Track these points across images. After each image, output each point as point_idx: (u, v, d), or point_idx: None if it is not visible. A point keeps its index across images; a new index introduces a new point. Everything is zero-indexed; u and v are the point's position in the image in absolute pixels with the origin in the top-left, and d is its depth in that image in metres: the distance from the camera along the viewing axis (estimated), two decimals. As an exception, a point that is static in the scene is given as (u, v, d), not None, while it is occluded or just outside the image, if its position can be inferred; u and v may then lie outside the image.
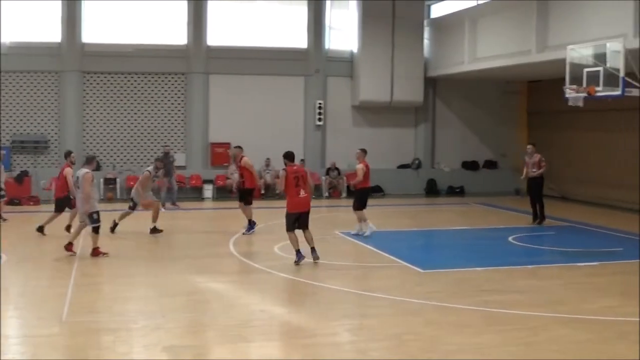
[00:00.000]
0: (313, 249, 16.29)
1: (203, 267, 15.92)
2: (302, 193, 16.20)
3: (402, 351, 10.05)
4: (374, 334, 10.83)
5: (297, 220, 16.26)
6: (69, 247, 16.65)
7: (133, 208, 20.27)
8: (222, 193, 30.03)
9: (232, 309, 12.18)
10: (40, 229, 19.75)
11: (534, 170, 22.91)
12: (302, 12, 31.89)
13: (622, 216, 25.51)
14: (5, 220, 22.30)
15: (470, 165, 34.20)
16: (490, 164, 34.47)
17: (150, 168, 20.50)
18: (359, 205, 20.03)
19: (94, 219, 16.55)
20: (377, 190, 31.39)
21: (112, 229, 19.95)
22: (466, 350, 10.02)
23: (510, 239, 19.96)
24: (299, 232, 16.27)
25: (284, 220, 16.30)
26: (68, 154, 20.23)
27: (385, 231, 21.40)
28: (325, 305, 12.68)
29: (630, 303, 12.92)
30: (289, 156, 16.53)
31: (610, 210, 27.07)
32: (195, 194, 29.92)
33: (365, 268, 16.25)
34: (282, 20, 31.89)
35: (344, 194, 30.89)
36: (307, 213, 16.43)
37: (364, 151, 20.42)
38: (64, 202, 19.85)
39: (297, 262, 15.92)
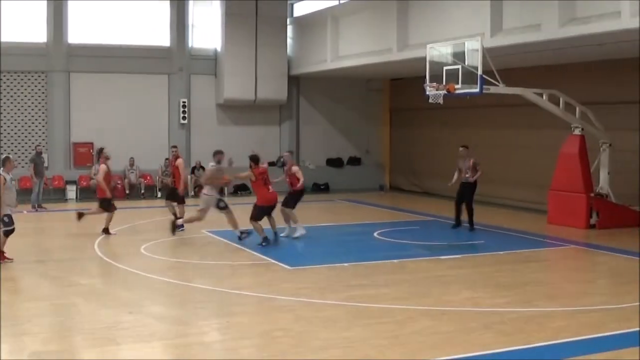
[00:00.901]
0: (276, 233, 19.30)
1: (68, 269, 15.57)
2: (271, 189, 18.73)
3: (271, 348, 10.08)
4: (243, 332, 10.81)
5: (268, 212, 18.83)
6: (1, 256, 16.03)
7: (226, 207, 19.24)
8: (86, 194, 29.50)
9: (99, 312, 11.95)
10: (106, 231, 19.84)
11: (468, 174, 21.10)
12: (164, 9, 31.57)
13: (484, 210, 26.15)
14: None
15: (334, 162, 34.55)
16: (354, 161, 34.90)
17: (213, 162, 19.38)
18: (293, 205, 20.01)
19: (5, 222, 15.92)
20: (243, 189, 31.38)
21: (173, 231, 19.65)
22: (335, 344, 10.11)
23: (375, 234, 20.26)
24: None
25: (149, 221, 16.20)
26: (100, 151, 20.57)
27: (252, 229, 21.43)
28: (194, 305, 12.61)
29: (494, 294, 13.32)
30: (256, 159, 18.73)
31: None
32: (58, 195, 29.26)
33: (233, 267, 16.22)
34: (145, 18, 31.48)
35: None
36: (275, 205, 19.00)
37: (292, 153, 20.60)
38: (109, 200, 19.98)
39: (262, 244, 18.20)
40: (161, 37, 31.67)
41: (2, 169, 16.14)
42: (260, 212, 18.60)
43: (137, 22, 31.31)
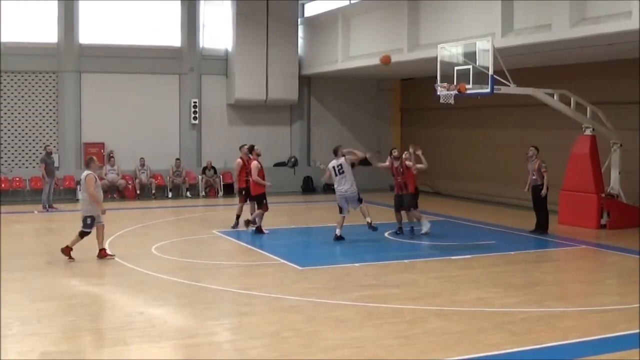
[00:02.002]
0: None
1: (78, 270, 15.60)
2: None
3: (281, 348, 10.07)
4: (252, 332, 10.80)
5: None
6: (102, 253, 16.56)
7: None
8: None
9: (110, 312, 12.00)
10: (259, 229, 20.30)
11: (535, 177, 20.36)
12: (175, 10, 31.64)
13: (494, 210, 26.20)
14: None
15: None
16: (366, 161, 34.78)
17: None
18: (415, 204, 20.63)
19: (86, 224, 16.37)
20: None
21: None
22: (345, 345, 10.11)
23: (386, 234, 20.23)
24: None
25: (160, 221, 16.31)
26: (252, 148, 20.83)
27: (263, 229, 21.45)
28: (204, 305, 12.61)
29: (504, 294, 13.30)
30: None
31: (482, 204, 27.76)
32: (69, 195, 29.31)
33: (242, 266, 16.24)
34: (155, 18, 31.55)
35: (221, 193, 30.82)
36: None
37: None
38: (256, 198, 20.39)
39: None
40: (172, 38, 31.74)
41: (88, 168, 16.68)
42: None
43: (148, 22, 31.38)
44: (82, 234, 16.44)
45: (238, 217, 21.44)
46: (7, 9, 28.79)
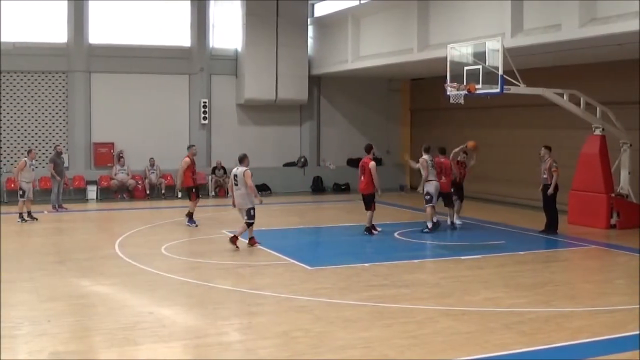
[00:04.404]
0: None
1: (88, 269, 15.64)
2: (443, 179, 21.13)
3: (290, 348, 10.07)
4: (262, 332, 10.81)
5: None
6: (234, 239, 17.81)
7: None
8: (107, 194, 29.62)
9: (119, 312, 11.99)
10: (369, 230, 20.34)
11: (545, 176, 20.35)
12: (185, 10, 31.66)
13: (503, 210, 26.15)
14: (35, 219, 22.99)
15: (355, 163, 34.28)
16: (375, 161, 34.73)
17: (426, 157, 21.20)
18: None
19: (251, 215, 17.85)
20: (264, 189, 31.44)
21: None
22: (355, 345, 10.11)
23: (395, 234, 20.22)
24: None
25: (169, 221, 16.36)
26: (370, 148, 21.49)
27: (272, 229, 21.44)
28: (214, 305, 12.63)
29: (513, 294, 13.28)
30: (441, 150, 22.06)
31: (491, 204, 27.71)
32: (79, 195, 29.36)
33: (252, 266, 16.22)
34: (165, 18, 31.58)
35: (230, 193, 30.75)
36: (448, 193, 21.58)
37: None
38: (370, 198, 20.60)
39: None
40: (182, 38, 31.77)
41: (242, 164, 18.06)
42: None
43: (158, 22, 31.40)
44: (250, 225, 17.89)
45: (192, 214, 21.53)
46: (16, 9, 28.85)
